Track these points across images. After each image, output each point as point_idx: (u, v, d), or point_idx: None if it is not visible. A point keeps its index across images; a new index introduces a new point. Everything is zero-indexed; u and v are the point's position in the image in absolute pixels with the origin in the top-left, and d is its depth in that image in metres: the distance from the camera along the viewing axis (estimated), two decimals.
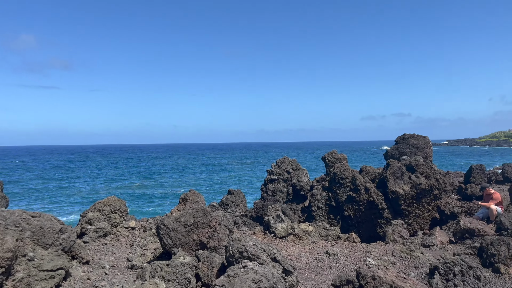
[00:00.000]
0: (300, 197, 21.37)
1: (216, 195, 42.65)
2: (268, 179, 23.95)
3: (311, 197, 20.30)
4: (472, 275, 4.57)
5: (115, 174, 70.82)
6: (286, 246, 7.98)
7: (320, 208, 19.86)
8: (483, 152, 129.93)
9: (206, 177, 63.91)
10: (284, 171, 23.95)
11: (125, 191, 47.04)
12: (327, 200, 19.16)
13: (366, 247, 8.87)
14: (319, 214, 19.76)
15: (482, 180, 16.35)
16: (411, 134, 24.48)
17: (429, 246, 10.35)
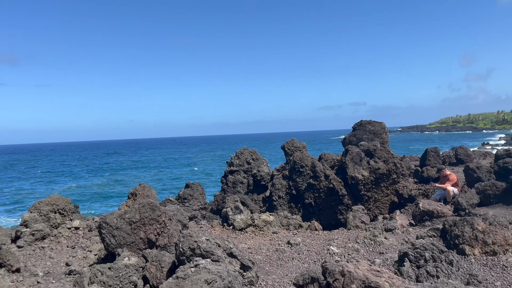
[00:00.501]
0: (261, 187, 20.96)
1: (177, 190, 41.59)
2: (228, 170, 23.35)
3: (272, 186, 19.93)
4: (444, 259, 4.25)
5: (69, 173, 67.75)
6: (245, 238, 7.47)
7: (281, 197, 19.52)
8: (434, 137, 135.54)
9: (166, 171, 62.42)
10: (244, 162, 23.43)
11: (80, 191, 44.98)
12: (287, 189, 18.84)
13: (328, 234, 8.52)
14: (280, 203, 19.43)
15: (437, 163, 16.57)
16: (368, 121, 24.61)
17: (391, 230, 10.18)
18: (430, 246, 4.30)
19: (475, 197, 10.83)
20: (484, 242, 5.98)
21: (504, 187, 10.79)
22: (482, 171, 12.26)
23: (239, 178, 22.92)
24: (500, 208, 10.49)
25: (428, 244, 4.33)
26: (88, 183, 50.66)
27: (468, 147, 46.55)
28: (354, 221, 13.53)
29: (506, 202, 10.63)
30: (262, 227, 8.19)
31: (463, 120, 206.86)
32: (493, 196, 10.80)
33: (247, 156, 23.93)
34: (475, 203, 10.75)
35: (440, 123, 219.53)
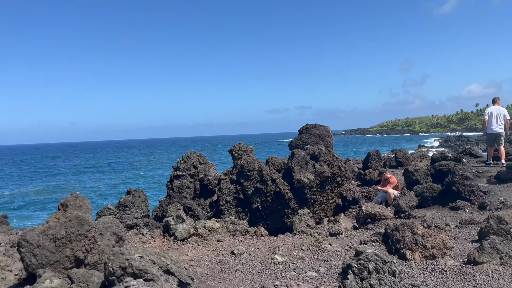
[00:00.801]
0: (208, 192, 20.54)
1: (120, 196, 39.97)
2: (174, 175, 22.67)
3: (219, 191, 19.57)
4: (387, 271, 4.18)
5: (2, 179, 63.14)
6: (188, 249, 7.08)
7: (228, 202, 19.21)
8: (376, 140, 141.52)
9: (111, 176, 59.94)
10: (190, 166, 22.86)
11: (14, 198, 41.95)
12: (235, 193, 18.59)
13: (274, 241, 8.34)
14: (228, 208, 19.12)
15: (379, 165, 17.06)
16: (313, 124, 24.99)
17: (336, 234, 10.20)
18: (374, 257, 4.22)
19: (414, 199, 11.16)
20: (424, 246, 6.05)
21: (440, 189, 11.21)
22: (420, 174, 12.71)
23: (185, 183, 22.33)
24: (437, 210, 10.87)
25: (371, 255, 4.25)
26: (23, 189, 47.42)
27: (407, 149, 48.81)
28: (300, 225, 13.52)
29: (442, 203, 11.04)
30: (206, 236, 7.84)
31: (401, 124, 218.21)
32: (430, 198, 11.18)
33: (193, 160, 23.40)
34: (414, 205, 11.08)
35: (381, 126, 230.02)
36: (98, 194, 42.17)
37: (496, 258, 5.67)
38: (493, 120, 14.20)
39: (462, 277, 5.36)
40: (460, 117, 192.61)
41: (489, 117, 14.37)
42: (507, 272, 5.41)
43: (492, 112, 14.37)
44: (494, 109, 14.43)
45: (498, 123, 14.14)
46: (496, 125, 14.18)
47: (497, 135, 14.25)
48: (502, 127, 14.15)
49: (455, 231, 8.23)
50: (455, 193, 10.83)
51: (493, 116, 14.27)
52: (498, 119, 14.14)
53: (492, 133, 14.31)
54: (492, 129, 14.27)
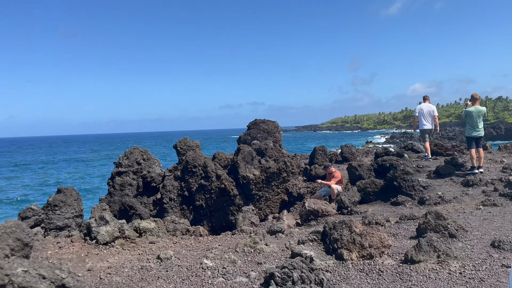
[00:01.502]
0: (152, 190, 19.56)
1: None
2: (116, 172, 21.43)
3: (162, 188, 18.69)
4: (313, 280, 3.75)
5: None
6: (109, 254, 6.34)
7: (172, 199, 18.39)
8: (326, 136, 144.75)
9: (47, 175, 56.55)
10: (133, 162, 21.72)
11: None
12: (179, 190, 17.81)
13: (211, 241, 7.78)
14: (172, 206, 18.30)
15: (325, 161, 16.96)
16: (262, 120, 24.62)
17: (277, 232, 9.81)
18: (300, 265, 3.78)
19: (356, 194, 11.00)
20: (361, 246, 5.73)
21: (382, 184, 11.13)
22: (363, 169, 12.63)
23: (127, 180, 21.18)
24: (379, 205, 10.78)
25: (297, 262, 3.80)
26: None
27: (355, 145, 50.05)
28: (243, 223, 13.05)
29: (383, 199, 10.97)
30: (134, 239, 7.13)
31: (350, 121, 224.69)
32: (372, 193, 11.08)
33: (137, 156, 22.26)
34: (357, 201, 10.93)
35: (330, 123, 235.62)
36: (32, 194, 39.59)
37: (433, 256, 5.45)
38: (424, 117, 14.65)
39: (399, 277, 5.07)
40: (405, 114, 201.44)
41: (420, 114, 14.81)
42: (444, 271, 5.19)
43: (422, 109, 14.79)
44: (424, 106, 14.93)
45: (428, 119, 14.60)
46: (427, 122, 14.64)
47: (428, 131, 14.81)
48: (432, 124, 14.64)
49: (395, 227, 8.07)
50: (396, 188, 10.79)
51: (424, 113, 14.71)
52: (428, 116, 14.60)
53: (424, 129, 14.76)
54: (424, 125, 14.72)
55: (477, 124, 11.99)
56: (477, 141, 12.00)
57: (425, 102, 15.07)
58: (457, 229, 6.82)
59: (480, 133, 12.00)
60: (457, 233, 6.63)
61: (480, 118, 12.00)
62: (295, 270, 3.70)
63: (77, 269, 5.45)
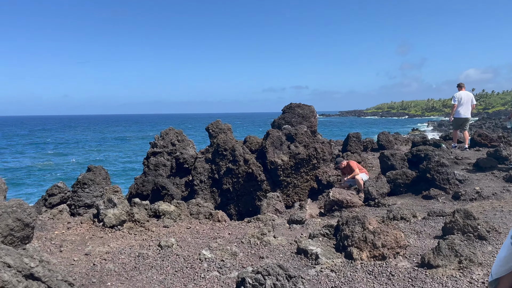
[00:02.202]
0: (184, 171, 19.68)
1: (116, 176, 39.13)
2: (151, 152, 21.77)
3: (193, 170, 18.73)
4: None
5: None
6: (113, 238, 6.21)
7: (202, 181, 18.38)
8: (370, 122, 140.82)
9: (96, 152, 58.91)
10: (168, 143, 21.94)
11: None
12: (210, 173, 17.74)
13: (224, 228, 7.51)
14: (202, 188, 18.30)
15: (358, 148, 16.18)
16: (297, 104, 23.96)
17: (296, 222, 9.40)
18: (276, 271, 3.35)
19: (385, 186, 10.32)
20: (373, 245, 5.20)
21: (414, 175, 10.36)
22: (396, 159, 11.84)
23: (161, 160, 21.44)
24: (409, 198, 10.05)
25: (273, 268, 3.37)
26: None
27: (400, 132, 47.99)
28: (267, 209, 12.72)
29: (415, 192, 10.21)
30: (144, 223, 6.98)
31: (397, 107, 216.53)
32: (403, 185, 10.34)
33: (172, 137, 22.45)
34: (385, 192, 10.25)
35: (376, 108, 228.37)
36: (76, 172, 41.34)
37: (454, 261, 4.83)
38: (463, 105, 14.05)
39: (411, 283, 4.53)
40: None
41: (459, 102, 14.17)
42: (464, 280, 4.58)
43: (462, 97, 14.15)
44: (463, 95, 14.23)
45: (467, 108, 14.01)
46: (465, 110, 14.04)
47: (465, 120, 14.14)
48: (470, 112, 14.08)
49: (420, 223, 7.41)
50: (429, 181, 9.99)
51: (463, 101, 14.10)
52: (467, 104, 14.02)
53: (460, 118, 14.17)
54: (461, 114, 14.10)
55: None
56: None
57: (462, 90, 14.34)
58: (489, 230, 6.10)
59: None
60: (488, 235, 5.91)
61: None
62: (270, 277, 3.29)
63: (75, 252, 5.36)
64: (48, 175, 37.06)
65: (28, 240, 5.64)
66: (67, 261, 4.90)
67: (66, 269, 4.66)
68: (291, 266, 4.95)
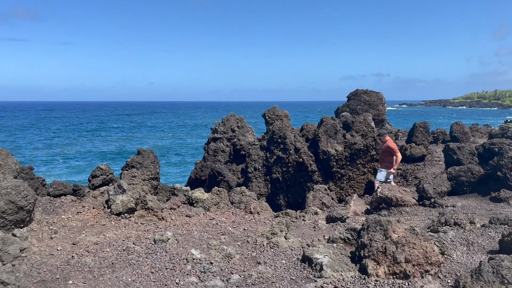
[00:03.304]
0: (241, 157, 19.28)
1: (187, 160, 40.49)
2: (212, 137, 21.72)
3: (248, 157, 18.23)
4: None
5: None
6: (114, 226, 5.80)
7: (257, 169, 17.81)
8: (457, 112, 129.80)
9: (175, 139, 61.35)
10: (228, 129, 21.71)
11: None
12: (264, 160, 17.10)
13: (245, 223, 6.78)
14: (256, 175, 17.74)
15: (425, 140, 14.34)
16: (363, 90, 22.26)
17: (336, 220, 8.37)
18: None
19: (445, 183, 8.81)
20: (394, 259, 4.12)
21: (481, 173, 8.70)
22: (464, 153, 10.11)
23: (221, 146, 21.27)
24: (473, 199, 8.46)
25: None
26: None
27: (491, 124, 43.31)
28: (313, 202, 11.73)
29: (481, 192, 8.58)
30: (157, 211, 6.51)
31: (489, 96, 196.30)
32: (467, 183, 8.74)
33: (232, 123, 22.17)
34: (444, 191, 8.75)
35: (464, 98, 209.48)
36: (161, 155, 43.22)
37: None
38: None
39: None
40: None
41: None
42: None
43: None
44: None
45: None
46: None
47: None
48: None
49: (476, 232, 6.04)
50: (500, 180, 8.31)
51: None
52: None
53: None
54: None
55: None
56: None
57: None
58: None
59: None
60: None
61: None
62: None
63: (65, 241, 5.04)
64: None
65: (24, 223, 5.39)
66: (49, 251, 4.58)
67: (40, 260, 4.31)
68: (288, 277, 4.09)
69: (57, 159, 37.67)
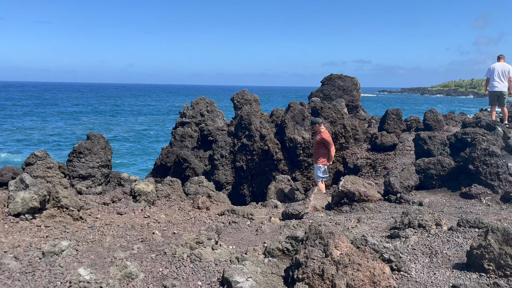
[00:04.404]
0: (209, 143, 18.14)
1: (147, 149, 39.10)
2: (179, 122, 20.47)
3: (215, 143, 17.15)
4: None
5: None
6: (6, 232, 4.69)
7: (223, 156, 16.75)
8: (433, 100, 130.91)
9: (153, 123, 59.65)
10: (197, 114, 20.46)
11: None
12: (232, 147, 16.07)
13: (183, 223, 5.75)
14: (223, 163, 16.69)
15: (398, 128, 13.52)
16: (338, 75, 21.29)
17: (292, 216, 7.44)
18: None
19: (413, 177, 7.95)
20: (333, 285, 3.16)
21: (452, 166, 7.86)
22: (435, 143, 9.27)
23: (188, 131, 20.04)
24: (442, 195, 7.63)
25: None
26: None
27: (466, 112, 43.01)
28: (275, 194, 10.81)
29: (452, 187, 7.75)
30: (73, 210, 5.42)
31: (466, 85, 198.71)
32: (436, 177, 7.90)
33: (202, 107, 20.90)
34: (412, 185, 7.90)
35: (442, 86, 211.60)
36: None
37: None
38: (495, 77, 12.24)
39: None
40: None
41: (491, 74, 12.42)
42: None
43: (494, 69, 12.32)
44: (497, 66, 12.28)
45: (501, 80, 12.16)
46: (498, 83, 12.19)
47: (499, 94, 12.23)
48: (505, 86, 12.15)
49: (442, 237, 5.18)
50: (472, 174, 7.49)
51: (495, 73, 12.26)
52: (501, 76, 12.14)
53: (493, 91, 12.42)
54: (494, 86, 12.32)
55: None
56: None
57: (500, 62, 12.41)
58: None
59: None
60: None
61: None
62: None
63: None
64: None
65: None
66: None
67: None
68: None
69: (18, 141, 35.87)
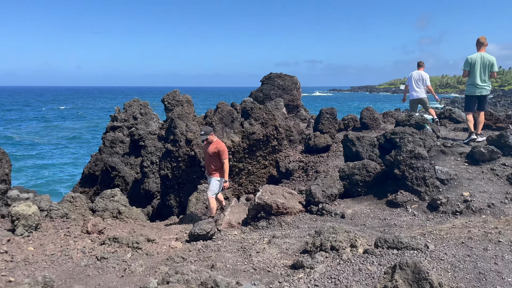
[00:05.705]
0: (140, 149, 16.65)
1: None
2: (110, 126, 18.72)
3: (143, 149, 15.72)
4: None
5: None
6: None
7: (154, 163, 15.37)
8: (379, 98, 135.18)
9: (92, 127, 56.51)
10: (130, 117, 18.81)
11: None
12: (164, 153, 14.70)
13: (38, 261, 4.46)
14: (153, 170, 15.30)
15: (332, 127, 12.80)
16: (277, 74, 20.50)
17: (198, 238, 6.35)
18: None
19: (336, 184, 7.09)
20: None
21: (377, 171, 7.08)
22: (364, 144, 8.51)
23: (119, 136, 18.35)
24: (368, 204, 6.82)
25: None
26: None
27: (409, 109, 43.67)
28: (196, 206, 9.66)
29: (378, 193, 6.96)
30: None
31: None
32: (362, 183, 7.09)
33: (135, 109, 19.28)
34: (336, 194, 7.03)
35: (388, 84, 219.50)
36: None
37: None
38: (413, 85, 12.20)
39: None
40: None
41: (409, 82, 12.33)
42: None
43: (412, 77, 12.28)
44: (415, 74, 12.28)
45: (418, 88, 12.16)
46: (416, 90, 12.16)
47: (418, 101, 12.32)
48: (423, 92, 12.15)
49: (354, 264, 4.27)
50: (398, 180, 6.73)
51: (412, 80, 12.21)
52: (418, 84, 12.16)
53: (413, 99, 12.33)
54: (413, 94, 12.22)
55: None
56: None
57: (419, 69, 12.36)
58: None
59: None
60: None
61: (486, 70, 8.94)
62: None
63: None
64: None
65: None
66: None
67: None
68: None
69: None
